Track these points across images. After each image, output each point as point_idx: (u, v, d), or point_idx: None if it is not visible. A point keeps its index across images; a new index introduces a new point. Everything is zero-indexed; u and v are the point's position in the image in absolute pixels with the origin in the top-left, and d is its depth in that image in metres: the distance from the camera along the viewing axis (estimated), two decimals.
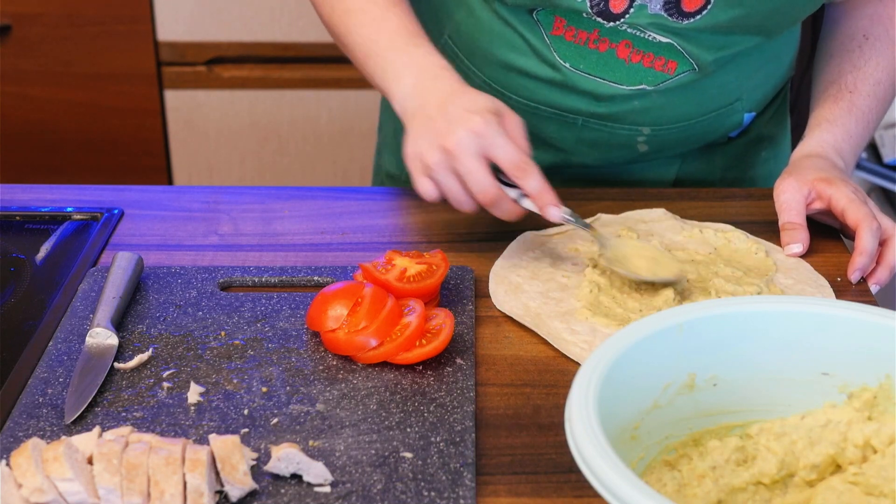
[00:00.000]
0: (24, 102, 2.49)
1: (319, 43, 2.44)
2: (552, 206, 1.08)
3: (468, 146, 1.05)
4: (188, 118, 2.53)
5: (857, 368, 0.87)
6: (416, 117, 1.10)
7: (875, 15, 1.31)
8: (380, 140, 1.55)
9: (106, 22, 2.42)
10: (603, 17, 1.20)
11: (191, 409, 0.94)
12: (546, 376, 1.00)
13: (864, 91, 1.28)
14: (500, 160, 1.06)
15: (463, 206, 1.09)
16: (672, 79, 1.25)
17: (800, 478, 0.82)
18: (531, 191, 1.07)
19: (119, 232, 1.23)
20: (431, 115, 1.08)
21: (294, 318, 1.06)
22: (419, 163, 1.08)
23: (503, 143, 1.06)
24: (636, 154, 1.35)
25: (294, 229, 1.24)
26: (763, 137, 1.42)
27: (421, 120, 1.09)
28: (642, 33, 1.21)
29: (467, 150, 1.05)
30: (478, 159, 1.05)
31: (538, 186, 1.07)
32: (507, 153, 1.06)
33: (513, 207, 1.09)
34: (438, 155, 1.06)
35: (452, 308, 1.07)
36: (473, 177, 1.05)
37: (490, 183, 1.06)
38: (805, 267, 1.17)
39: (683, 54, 1.23)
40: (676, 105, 1.29)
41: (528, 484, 0.87)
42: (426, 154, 1.07)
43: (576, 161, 1.36)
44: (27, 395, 0.95)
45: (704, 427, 0.88)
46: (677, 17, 1.19)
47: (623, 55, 1.23)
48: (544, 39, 1.25)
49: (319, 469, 0.85)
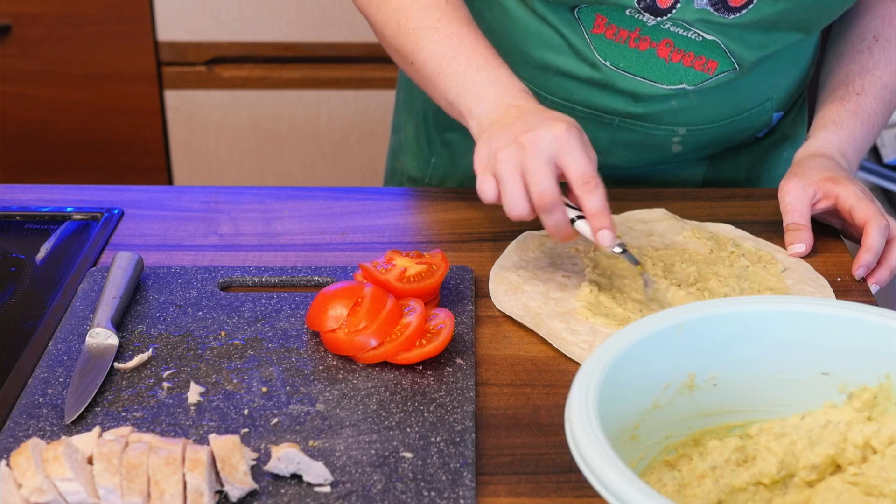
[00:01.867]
0: (24, 102, 2.49)
1: (319, 43, 2.44)
2: (607, 230, 1.02)
3: (544, 145, 1.02)
4: (188, 118, 2.53)
5: (856, 368, 0.87)
6: (493, 125, 1.07)
7: (887, 16, 1.30)
8: (395, 142, 1.54)
9: (106, 22, 2.42)
10: (650, 11, 1.19)
11: (191, 409, 0.94)
12: (546, 376, 1.00)
13: (872, 94, 1.28)
14: (570, 169, 1.02)
15: (515, 208, 1.03)
16: (712, 78, 1.25)
17: (800, 478, 0.82)
18: (591, 208, 1.02)
19: (119, 232, 1.23)
20: (511, 122, 1.05)
21: (294, 318, 1.06)
22: (487, 159, 1.04)
23: (579, 154, 1.02)
24: (669, 155, 1.35)
25: (294, 229, 1.24)
26: (786, 137, 1.43)
27: (499, 126, 1.06)
28: (686, 31, 1.21)
29: (541, 149, 1.01)
30: (548, 162, 1.02)
31: (599, 206, 1.02)
32: (580, 164, 1.02)
33: (566, 220, 1.04)
34: (510, 148, 1.02)
35: (452, 308, 1.07)
36: (538, 176, 1.01)
37: (553, 187, 1.02)
38: (805, 267, 1.17)
39: (726, 53, 1.22)
40: (713, 105, 1.29)
41: (528, 484, 0.87)
42: (498, 148, 1.03)
43: (608, 162, 1.35)
44: (27, 395, 0.95)
45: (704, 427, 0.88)
46: (723, 11, 1.18)
47: (664, 54, 1.23)
48: (584, 37, 1.24)
49: (319, 469, 0.85)
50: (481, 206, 1.27)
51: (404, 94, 1.51)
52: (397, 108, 1.54)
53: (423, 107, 1.46)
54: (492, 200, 1.05)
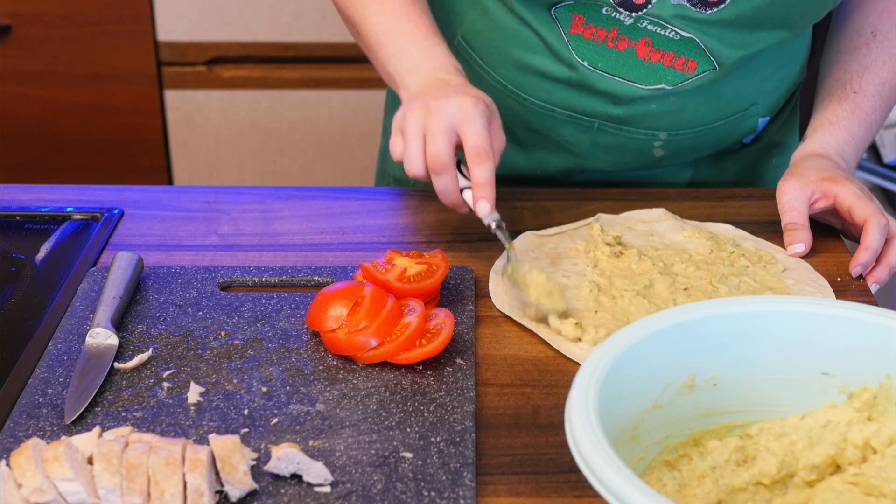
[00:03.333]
0: (24, 102, 2.49)
1: (319, 43, 2.44)
2: (486, 201, 1.07)
3: (447, 114, 1.06)
4: (188, 118, 2.53)
5: (856, 368, 0.87)
6: (418, 94, 1.11)
7: (885, 11, 1.29)
8: (384, 144, 1.54)
9: (106, 22, 2.42)
10: (625, 7, 1.19)
11: (191, 409, 0.94)
12: (546, 376, 1.00)
13: (870, 91, 1.28)
14: (466, 139, 1.06)
15: (412, 166, 1.07)
16: (691, 79, 1.24)
17: (799, 478, 0.82)
18: (477, 179, 1.06)
19: (119, 232, 1.23)
20: (432, 92, 1.10)
21: (294, 318, 1.06)
22: (400, 120, 1.09)
23: (479, 128, 1.06)
24: (651, 159, 1.34)
25: (294, 229, 1.24)
26: (774, 144, 1.42)
27: (421, 95, 1.11)
28: (663, 29, 1.20)
29: (445, 115, 1.06)
30: (448, 130, 1.06)
31: (485, 178, 1.06)
32: (478, 136, 1.06)
33: (454, 186, 1.08)
34: (419, 112, 1.07)
35: (452, 308, 1.07)
36: (434, 138, 1.06)
37: (446, 151, 1.06)
38: (805, 267, 1.17)
39: (705, 52, 1.22)
40: (694, 108, 1.28)
41: (528, 484, 0.87)
42: (409, 110, 1.08)
43: (590, 166, 1.35)
44: (27, 395, 0.95)
45: (704, 427, 0.88)
46: (700, 6, 1.18)
47: (642, 54, 1.22)
48: (562, 37, 1.24)
49: (319, 469, 0.85)
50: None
51: (391, 99, 1.51)
52: (386, 111, 1.53)
53: None
54: (399, 158, 1.09)
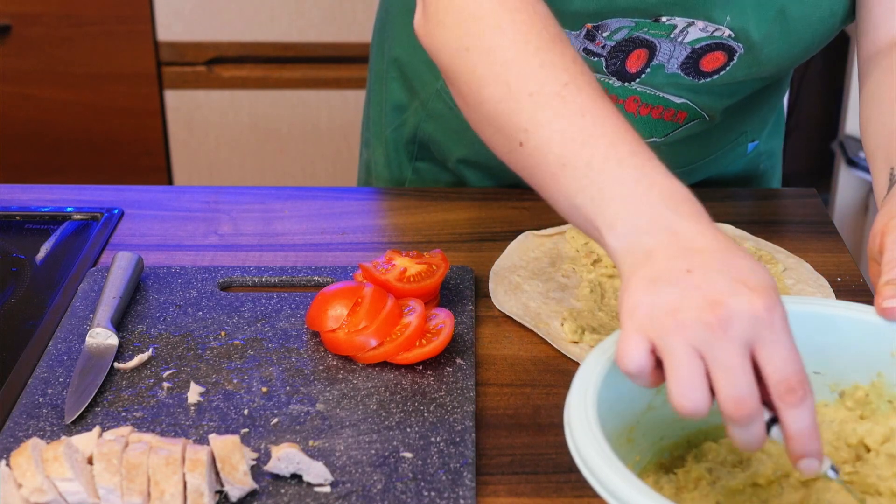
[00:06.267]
0: (24, 102, 2.49)
1: (319, 43, 2.45)
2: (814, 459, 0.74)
3: (742, 329, 0.71)
4: (188, 118, 2.53)
5: (848, 367, 0.87)
6: (654, 263, 0.76)
7: None
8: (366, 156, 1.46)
9: (106, 22, 2.42)
10: (618, 76, 1.17)
11: (191, 409, 0.94)
12: (546, 376, 1.00)
13: None
14: (771, 367, 0.72)
15: (689, 401, 0.72)
16: (682, 127, 1.23)
17: (795, 478, 0.82)
18: (795, 428, 0.73)
19: (119, 232, 1.23)
20: (683, 269, 0.75)
21: (294, 318, 1.06)
22: (647, 317, 0.73)
23: (784, 347, 0.73)
24: None
25: (294, 229, 1.24)
26: (761, 153, 1.41)
27: (665, 268, 0.75)
28: (654, 92, 1.19)
29: (739, 333, 0.71)
30: (745, 354, 0.72)
31: (807, 425, 0.73)
32: (785, 361, 0.72)
33: (762, 435, 0.74)
34: (695, 318, 0.72)
35: (452, 308, 1.07)
36: (733, 374, 0.71)
37: (753, 391, 0.72)
38: (805, 267, 1.17)
39: (696, 108, 1.21)
40: (685, 152, 1.28)
41: (528, 484, 0.87)
42: (672, 310, 0.73)
43: None
44: (27, 395, 0.95)
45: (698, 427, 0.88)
46: (695, 76, 1.16)
47: (631, 109, 1.20)
48: None
49: (319, 469, 0.85)
50: (481, 206, 1.27)
51: (373, 117, 1.43)
52: (366, 124, 1.44)
53: (392, 137, 1.39)
54: (635, 371, 0.74)
